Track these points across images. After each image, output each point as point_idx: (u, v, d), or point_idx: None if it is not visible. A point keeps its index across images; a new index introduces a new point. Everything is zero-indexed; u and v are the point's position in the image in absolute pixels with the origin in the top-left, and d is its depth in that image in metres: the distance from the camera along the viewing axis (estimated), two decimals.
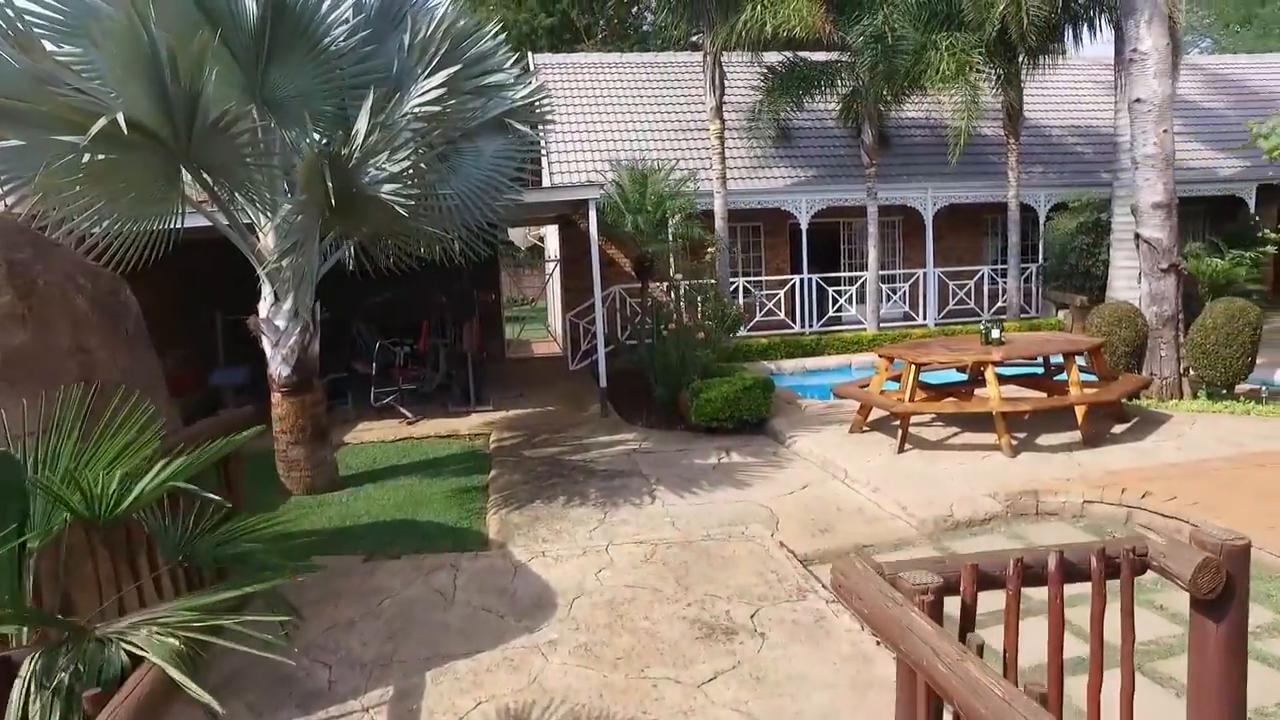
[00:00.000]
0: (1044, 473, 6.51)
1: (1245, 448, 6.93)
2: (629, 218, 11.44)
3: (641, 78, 18.60)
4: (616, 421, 10.01)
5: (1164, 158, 8.42)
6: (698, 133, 16.64)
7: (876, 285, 15.31)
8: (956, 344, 7.93)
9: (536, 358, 17.37)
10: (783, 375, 13.13)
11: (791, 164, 16.57)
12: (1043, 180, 16.87)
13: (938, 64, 12.44)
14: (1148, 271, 8.63)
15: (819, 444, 7.85)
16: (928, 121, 17.98)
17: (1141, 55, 8.29)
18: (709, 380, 8.92)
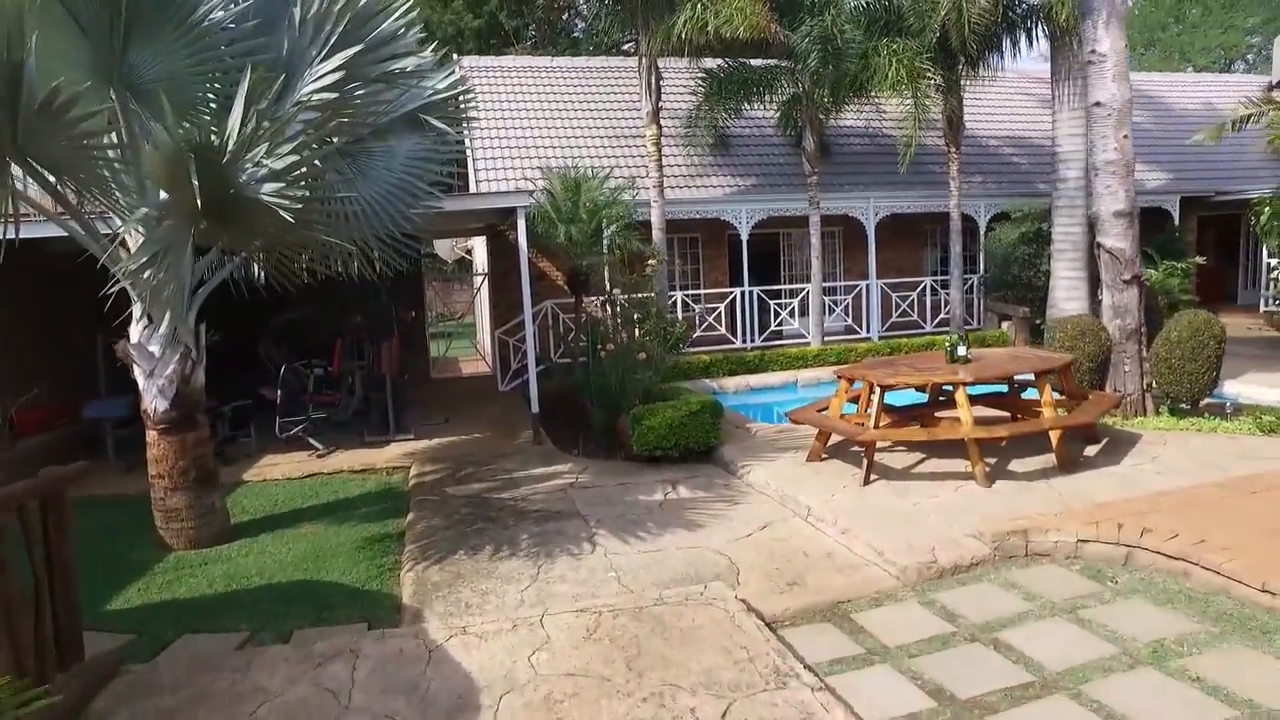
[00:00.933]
0: (1025, 505, 5.92)
1: (1229, 471, 6.49)
2: (561, 228, 10.59)
3: (574, 83, 17.82)
4: (550, 450, 9.12)
5: (1125, 164, 8.05)
6: (634, 140, 15.93)
7: (820, 298, 14.80)
8: (921, 362, 7.34)
9: (464, 378, 16.33)
10: (725, 394, 12.46)
11: (731, 173, 15.99)
12: (982, 190, 16.71)
13: (886, 69, 11.99)
14: (1110, 283, 8.24)
15: (775, 475, 7.13)
16: (867, 130, 17.69)
17: (1100, 57, 7.91)
18: (651, 405, 8.14)
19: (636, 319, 8.64)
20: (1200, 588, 4.59)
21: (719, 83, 13.82)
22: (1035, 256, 15.12)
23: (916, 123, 12.85)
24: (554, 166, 12.67)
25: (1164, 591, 4.62)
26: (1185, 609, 4.39)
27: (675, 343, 8.61)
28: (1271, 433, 7.61)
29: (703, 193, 15.27)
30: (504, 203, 9.52)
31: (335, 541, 6.46)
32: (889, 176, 16.80)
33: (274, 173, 4.42)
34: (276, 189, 4.40)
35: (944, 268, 18.46)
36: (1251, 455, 6.96)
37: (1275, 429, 7.64)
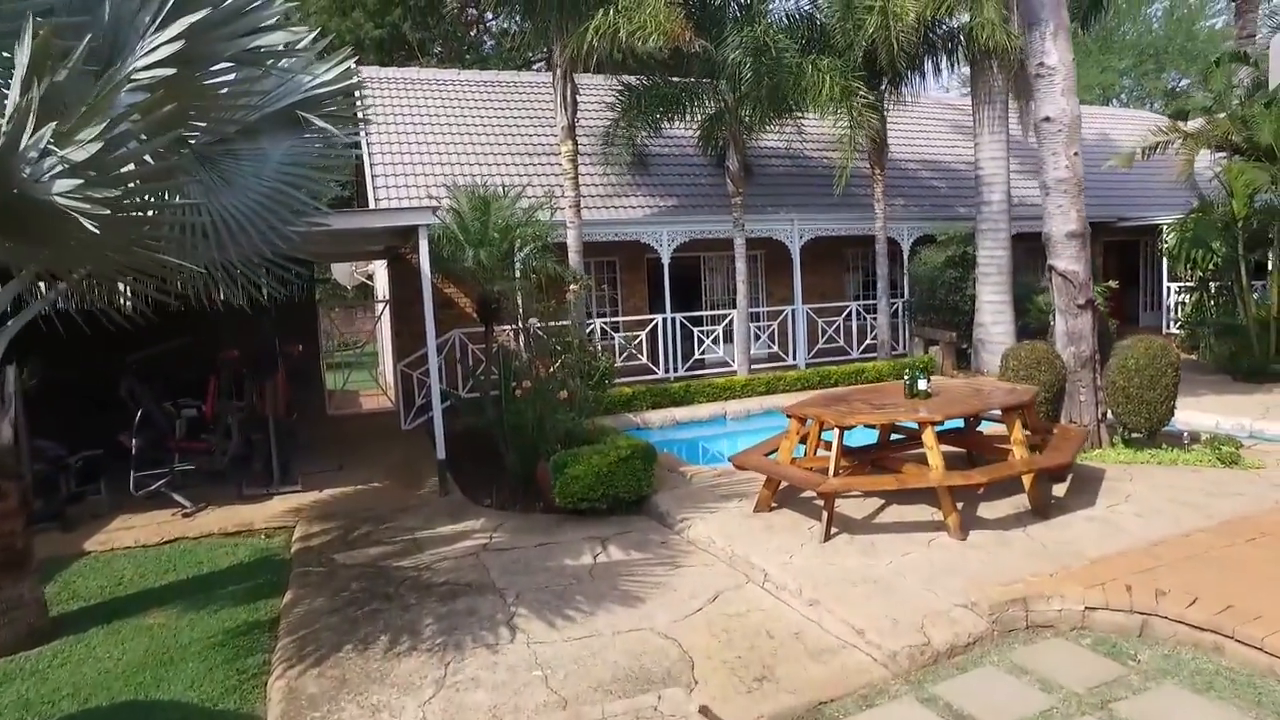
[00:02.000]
0: (1010, 562, 5.20)
1: (1209, 511, 5.98)
2: (469, 250, 9.52)
3: (484, 97, 16.77)
4: (459, 502, 7.98)
5: (1076, 182, 7.62)
6: (548, 158, 15.00)
7: (746, 324, 14.15)
8: (876, 397, 6.62)
9: (364, 415, 14.88)
10: (650, 429, 11.57)
11: (650, 193, 15.24)
12: (905, 214, 16.49)
13: (821, 85, 11.46)
14: (1063, 308, 7.76)
15: (720, 530, 6.23)
16: (788, 151, 17.29)
17: (1049, 70, 7.47)
18: (574, 450, 7.14)
19: (555, 351, 7.65)
20: (1240, 666, 3.91)
21: (638, 96, 13.06)
22: (961, 280, 14.93)
23: (852, 142, 12.41)
24: (461, 184, 11.61)
25: (1198, 673, 3.92)
26: (1234, 698, 3.68)
27: (600, 378, 7.67)
28: (1233, 464, 7.23)
29: (622, 213, 14.45)
30: (403, 220, 8.39)
31: (188, 636, 5.18)
32: (811, 199, 16.43)
33: (72, 167, 3.26)
34: (74, 189, 3.23)
35: (867, 292, 18.20)
36: (1223, 491, 6.51)
37: (1235, 460, 7.26)
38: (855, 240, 16.94)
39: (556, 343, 7.63)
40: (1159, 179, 21.83)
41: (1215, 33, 37.41)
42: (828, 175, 17.34)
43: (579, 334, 7.86)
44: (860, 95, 12.11)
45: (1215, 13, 37.86)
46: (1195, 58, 37.74)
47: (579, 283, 8.42)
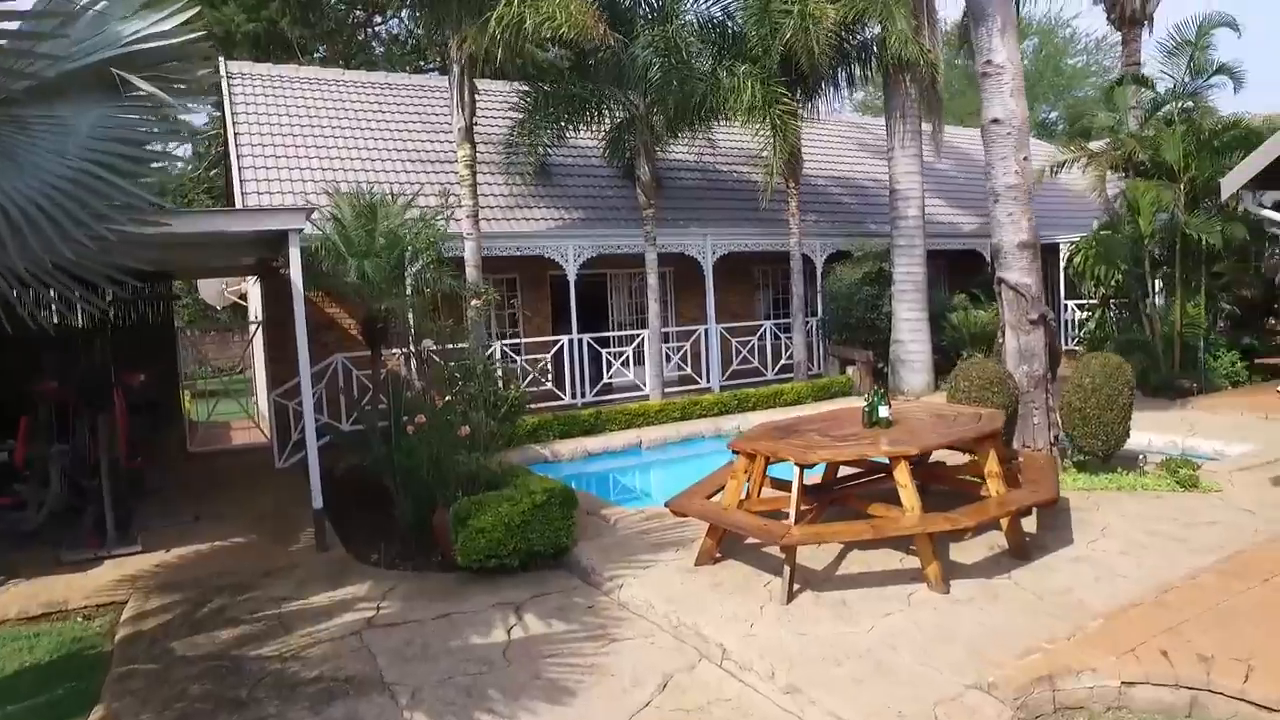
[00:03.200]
0: (1008, 621, 4.41)
1: (1195, 545, 5.44)
2: (353, 263, 8.22)
3: (372, 99, 15.32)
4: (341, 560, 6.65)
5: (1026, 189, 7.10)
6: (443, 165, 13.75)
7: (659, 345, 13.25)
8: (833, 427, 5.78)
9: (233, 451, 13.08)
10: (559, 462, 10.46)
11: (555, 205, 14.18)
12: (817, 230, 16.05)
13: (742, 91, 10.74)
14: (1014, 324, 7.20)
15: (660, 590, 5.21)
16: (699, 164, 16.63)
17: (997, 69, 6.94)
18: (480, 497, 5.97)
19: (454, 379, 6.48)
20: None
21: (544, 96, 12.02)
22: (878, 297, 14.56)
23: (777, 151, 11.73)
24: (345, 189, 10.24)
25: None
26: None
27: (510, 410, 6.53)
28: (1192, 487, 6.80)
29: (525, 226, 13.32)
30: (270, 224, 7.01)
31: None
32: (723, 214, 15.79)
33: None
34: None
35: (777, 311, 17.72)
36: (1197, 520, 6.03)
37: (1194, 483, 6.84)
38: (765, 257, 16.42)
39: (456, 369, 6.46)
40: (1052, 200, 22.49)
41: (1078, 70, 39.79)
42: (739, 190, 16.83)
43: (482, 358, 6.71)
44: (783, 102, 11.50)
45: (1076, 53, 40.26)
46: (1062, 92, 40.06)
47: (482, 297, 7.26)
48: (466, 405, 6.51)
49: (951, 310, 15.25)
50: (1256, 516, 6.12)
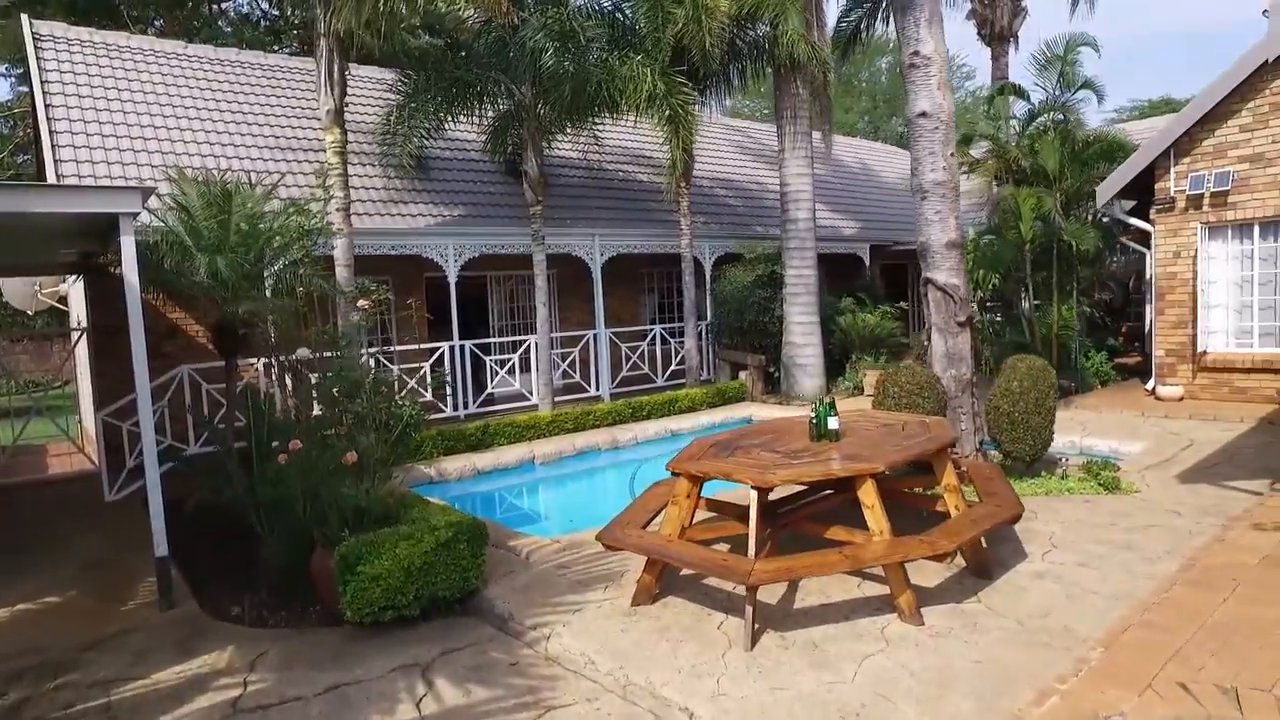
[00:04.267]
0: (999, 655, 3.95)
1: (1147, 553, 5.25)
2: (202, 259, 6.91)
3: (223, 76, 13.59)
4: (193, 620, 5.45)
5: (954, 186, 6.84)
6: (308, 154, 12.36)
7: (548, 352, 12.41)
8: (778, 441, 5.21)
9: (50, 482, 11.12)
10: (447, 482, 9.47)
11: (435, 201, 13.07)
12: (707, 231, 15.70)
13: (641, 80, 10.09)
14: (941, 326, 6.92)
15: (598, 640, 4.44)
16: (585, 163, 15.91)
17: (924, 60, 6.64)
18: (372, 536, 4.98)
19: (337, 395, 5.40)
20: None
21: (426, 80, 10.91)
22: (770, 300, 14.32)
23: (679, 143, 11.17)
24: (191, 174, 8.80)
25: None
26: None
27: (406, 429, 5.53)
28: (1115, 489, 6.74)
29: (401, 222, 12.15)
30: (95, 205, 5.67)
31: None
32: (611, 214, 15.15)
33: None
34: None
35: (663, 315, 17.29)
36: (1134, 524, 5.90)
37: (1116, 484, 6.78)
38: (652, 260, 15.94)
39: (338, 382, 5.40)
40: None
41: None
42: (626, 191, 16.26)
43: (370, 370, 5.66)
44: (683, 92, 10.98)
45: None
46: None
47: (372, 296, 6.20)
48: (353, 425, 5.48)
49: (839, 313, 15.28)
50: (1184, 518, 6.06)
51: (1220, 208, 10.53)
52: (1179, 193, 10.77)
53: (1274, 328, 10.45)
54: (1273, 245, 10.39)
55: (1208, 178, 10.49)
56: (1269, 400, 10.30)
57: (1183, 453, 8.16)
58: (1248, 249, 10.54)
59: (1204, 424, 9.54)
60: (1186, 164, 10.74)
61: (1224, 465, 7.63)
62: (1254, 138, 10.30)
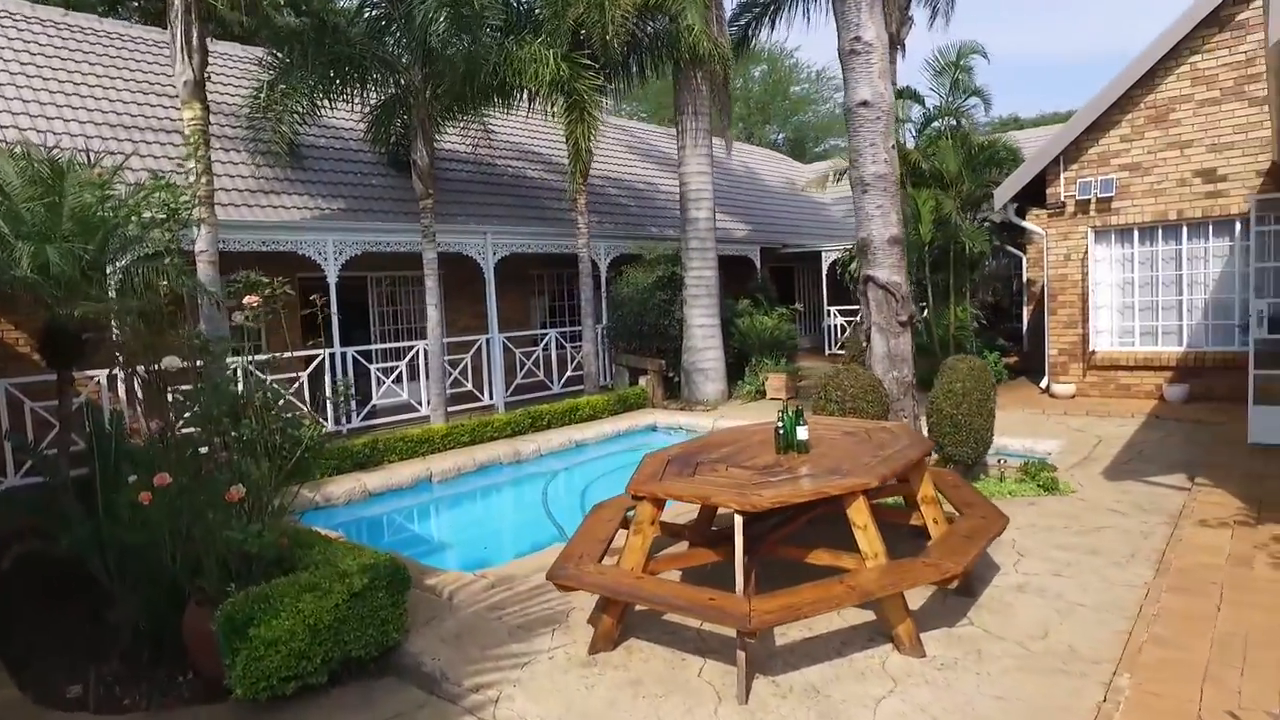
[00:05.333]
0: (1016, 687, 3.53)
1: (1112, 556, 5.07)
2: (24, 248, 5.65)
3: (48, 39, 11.69)
4: (14, 709, 4.27)
5: (895, 179, 6.53)
6: (161, 134, 10.80)
7: (441, 359, 11.41)
8: (740, 454, 4.64)
9: None
10: (333, 507, 8.37)
11: (310, 192, 11.76)
12: (603, 231, 15.09)
13: (542, 62, 9.32)
14: (883, 325, 6.60)
15: (559, 703, 3.71)
16: (474, 157, 14.93)
17: (865, 46, 6.30)
18: (267, 589, 4.03)
19: (215, 416, 4.33)
20: None
21: (303, 54, 9.69)
22: (670, 303, 13.86)
23: (583, 134, 10.46)
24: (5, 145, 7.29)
25: None
26: None
27: (306, 454, 4.54)
28: (1053, 490, 6.64)
29: (273, 215, 10.81)
30: None
31: None
32: (502, 211, 14.28)
33: None
34: None
35: (553, 319, 16.56)
36: (1085, 526, 5.77)
37: (1054, 485, 6.68)
38: (542, 261, 15.20)
39: (218, 398, 4.34)
40: (800, 211, 23.68)
41: (803, 98, 43.36)
42: (517, 188, 15.42)
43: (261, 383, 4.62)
44: (588, 77, 10.31)
45: (801, 80, 43.85)
46: (788, 117, 43.41)
47: (270, 289, 5.13)
48: (239, 451, 4.46)
49: (738, 315, 15.04)
50: (1129, 517, 5.98)
51: (1105, 213, 10.96)
52: (1069, 197, 11.14)
53: (1153, 327, 10.97)
54: (1150, 249, 10.91)
55: (1094, 184, 10.88)
56: (1150, 396, 10.79)
57: (1096, 450, 8.27)
58: (1129, 253, 11.02)
59: (1101, 420, 9.82)
60: (1075, 170, 11.12)
61: (1137, 461, 7.74)
62: (1133, 148, 10.77)
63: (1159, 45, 10.38)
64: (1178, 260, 10.71)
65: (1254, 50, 9.98)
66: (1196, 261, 10.60)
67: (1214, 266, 10.52)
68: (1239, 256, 10.31)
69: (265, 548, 4.17)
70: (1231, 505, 6.04)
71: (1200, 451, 7.94)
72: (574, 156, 11.24)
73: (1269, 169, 9.95)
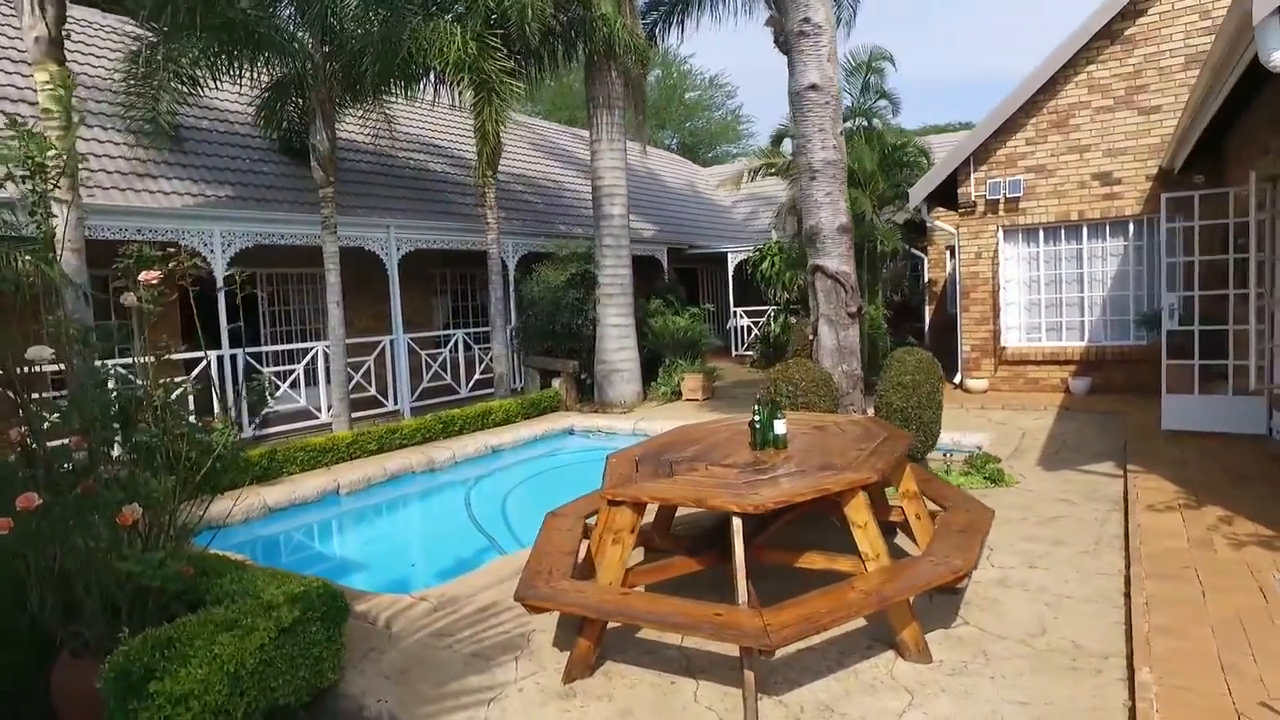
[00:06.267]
0: (1039, 691, 3.29)
1: (1078, 546, 4.97)
2: None
3: None
4: None
5: (843, 166, 6.33)
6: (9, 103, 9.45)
7: (343, 361, 10.52)
8: (713, 452, 4.24)
9: None
10: (230, 526, 7.41)
11: (194, 177, 10.60)
12: (510, 228, 14.45)
13: (449, 38, 8.67)
14: (831, 317, 6.38)
15: None
16: (374, 147, 13.99)
17: (815, 28, 6.07)
18: (170, 631, 3.32)
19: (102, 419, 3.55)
20: None
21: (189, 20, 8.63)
22: (583, 302, 13.39)
23: (494, 115, 9.84)
24: None
25: None
26: None
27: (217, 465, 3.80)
28: (999, 482, 6.61)
29: (150, 200, 9.65)
30: None
31: None
32: (406, 204, 13.43)
33: None
34: None
35: (456, 320, 15.79)
36: (1042, 515, 5.73)
37: (1000, 477, 6.65)
38: (443, 258, 14.44)
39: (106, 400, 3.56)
40: (702, 213, 23.69)
41: (697, 103, 43.80)
42: (420, 181, 14.59)
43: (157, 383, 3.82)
44: (499, 58, 9.71)
45: (692, 87, 44.29)
46: (685, 119, 43.74)
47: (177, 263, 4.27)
48: (134, 463, 3.70)
49: (651, 315, 14.74)
50: (1079, 506, 6.00)
51: (1013, 213, 11.29)
52: (979, 197, 11.42)
53: (1057, 323, 11.37)
54: (1053, 248, 11.31)
55: (1003, 184, 11.19)
56: (1056, 389, 11.18)
57: (1024, 442, 8.38)
58: (1035, 251, 11.39)
59: (1019, 413, 10.05)
60: (985, 171, 11.41)
61: (1065, 452, 7.89)
62: (1037, 150, 11.15)
63: (1060, 54, 10.78)
64: (1079, 259, 11.15)
65: (1140, 63, 10.50)
66: (1095, 260, 11.07)
67: (1111, 265, 11.01)
68: (1133, 256, 10.83)
69: (169, 580, 3.45)
70: (1169, 490, 6.14)
71: (1118, 440, 8.18)
72: (482, 143, 10.61)
73: (1156, 174, 10.49)
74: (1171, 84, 10.36)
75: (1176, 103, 10.29)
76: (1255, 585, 4.25)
